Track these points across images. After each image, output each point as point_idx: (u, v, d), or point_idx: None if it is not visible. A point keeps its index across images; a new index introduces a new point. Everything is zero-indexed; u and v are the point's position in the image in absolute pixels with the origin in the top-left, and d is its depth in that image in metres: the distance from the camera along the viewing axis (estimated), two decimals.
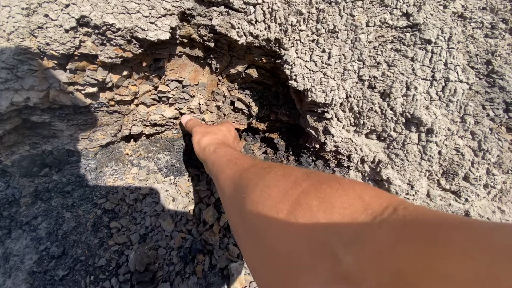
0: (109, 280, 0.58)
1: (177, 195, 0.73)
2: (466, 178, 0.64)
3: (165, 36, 0.55)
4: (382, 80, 0.61)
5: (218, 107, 0.78)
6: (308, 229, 0.22)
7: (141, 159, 0.78)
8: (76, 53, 0.55)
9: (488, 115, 0.63)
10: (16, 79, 0.58)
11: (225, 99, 0.78)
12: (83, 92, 0.61)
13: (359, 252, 0.18)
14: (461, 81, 0.61)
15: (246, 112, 0.82)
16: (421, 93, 0.60)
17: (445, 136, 0.61)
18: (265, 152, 0.92)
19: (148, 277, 0.58)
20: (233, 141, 0.68)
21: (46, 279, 0.57)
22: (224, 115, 0.81)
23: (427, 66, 0.61)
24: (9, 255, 0.59)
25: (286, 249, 0.23)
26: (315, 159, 0.77)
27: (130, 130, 0.71)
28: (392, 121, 0.63)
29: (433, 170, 0.63)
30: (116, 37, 0.55)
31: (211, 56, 0.67)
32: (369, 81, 0.62)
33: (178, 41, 0.61)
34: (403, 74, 0.61)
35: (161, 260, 0.61)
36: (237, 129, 0.87)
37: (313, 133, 0.70)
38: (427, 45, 0.60)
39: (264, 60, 0.66)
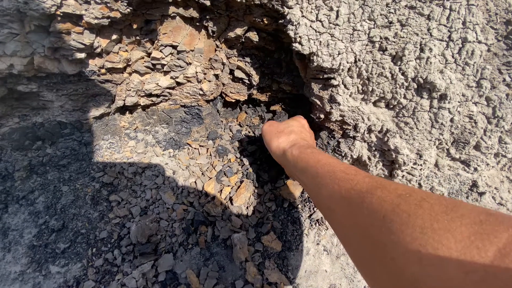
0: (111, 252, 0.58)
1: (177, 168, 0.71)
2: (477, 147, 0.62)
3: None
4: (394, 42, 0.56)
5: (217, 76, 0.74)
6: None
7: (138, 132, 0.75)
8: (58, 12, 0.50)
9: (504, 80, 0.59)
10: None
11: (223, 67, 0.73)
12: (70, 58, 0.56)
13: None
14: (479, 42, 0.56)
15: (247, 81, 0.78)
16: (436, 55, 0.56)
17: (458, 102, 0.58)
18: None
19: (151, 248, 0.58)
20: (310, 137, 0.62)
21: (47, 252, 0.57)
22: (223, 84, 0.77)
23: (444, 25, 0.55)
24: (8, 229, 0.58)
25: None
26: (318, 130, 0.74)
27: (124, 100, 0.67)
28: (403, 87, 0.59)
29: (443, 138, 0.60)
30: None
31: (207, 17, 0.61)
32: (380, 42, 0.57)
33: (170, 0, 0.56)
34: (417, 35, 0.56)
35: (163, 232, 0.60)
36: (238, 101, 0.83)
37: (318, 102, 0.67)
38: (445, 1, 0.54)
39: (266, 22, 0.61)
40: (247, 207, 0.65)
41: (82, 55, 0.56)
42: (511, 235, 0.19)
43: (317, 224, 0.65)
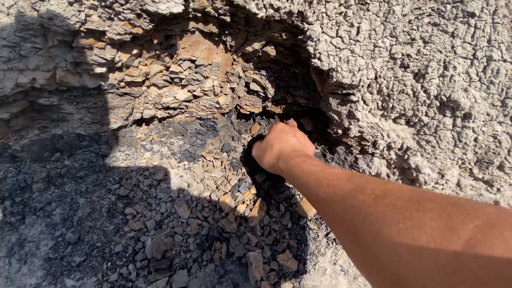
0: (126, 267, 0.58)
1: (192, 181, 0.70)
2: (500, 167, 0.60)
3: (178, 8, 0.50)
4: (416, 59, 0.55)
5: (233, 89, 0.74)
6: None
7: (154, 144, 0.75)
8: (82, 29, 0.50)
9: None
10: (19, 58, 0.55)
11: (239, 80, 0.73)
12: (91, 72, 0.57)
13: None
14: (504, 61, 0.55)
15: (262, 94, 0.77)
16: (460, 73, 0.55)
17: (483, 121, 0.56)
18: None
19: (166, 264, 0.57)
20: (292, 136, 0.62)
21: (63, 265, 0.57)
22: (239, 97, 0.77)
23: (469, 43, 0.54)
24: (24, 241, 0.58)
25: None
26: (335, 145, 0.73)
27: (142, 113, 0.68)
28: (425, 105, 0.57)
29: (466, 158, 0.59)
30: (125, 11, 0.50)
31: (226, 32, 0.62)
32: (401, 59, 0.56)
33: (191, 16, 0.56)
34: (441, 52, 0.55)
35: (178, 247, 0.60)
36: (252, 112, 0.83)
37: (336, 117, 0.66)
38: (470, 18, 0.53)
39: (284, 37, 0.61)
40: (262, 227, 0.64)
41: (103, 70, 0.57)
42: (476, 226, 0.21)
43: (334, 243, 0.63)
